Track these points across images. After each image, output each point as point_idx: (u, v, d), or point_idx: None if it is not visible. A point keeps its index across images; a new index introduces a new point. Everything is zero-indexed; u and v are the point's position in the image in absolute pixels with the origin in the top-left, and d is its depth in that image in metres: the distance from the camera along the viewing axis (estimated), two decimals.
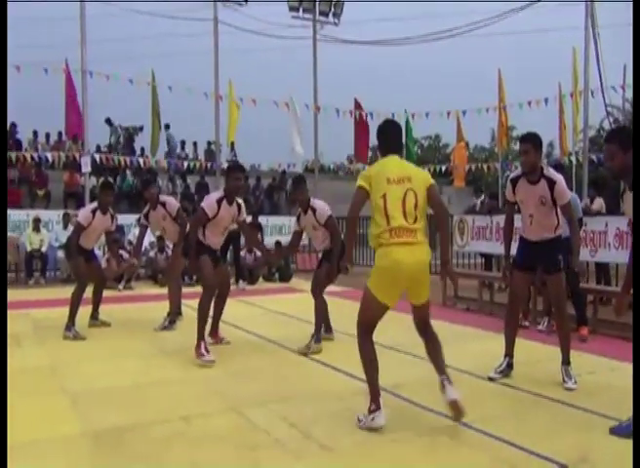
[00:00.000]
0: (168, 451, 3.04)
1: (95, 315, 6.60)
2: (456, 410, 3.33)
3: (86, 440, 3.21)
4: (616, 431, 3.23)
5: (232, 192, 5.25)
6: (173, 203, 6.59)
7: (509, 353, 4.58)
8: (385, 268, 3.34)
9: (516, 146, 28.72)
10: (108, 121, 17.90)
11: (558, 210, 4.30)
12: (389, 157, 3.54)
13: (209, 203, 5.16)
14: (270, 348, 5.58)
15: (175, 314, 6.58)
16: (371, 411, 3.35)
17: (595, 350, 5.35)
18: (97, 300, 6.60)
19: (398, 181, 3.37)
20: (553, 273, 4.37)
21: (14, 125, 16.25)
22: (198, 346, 4.92)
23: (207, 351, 4.90)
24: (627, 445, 3.11)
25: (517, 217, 4.65)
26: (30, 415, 3.59)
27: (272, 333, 6.09)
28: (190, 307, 7.52)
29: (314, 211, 5.55)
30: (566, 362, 4.33)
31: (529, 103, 13.65)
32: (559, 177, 4.26)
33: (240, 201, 5.47)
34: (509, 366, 4.54)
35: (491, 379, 4.46)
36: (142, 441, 3.19)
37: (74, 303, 6.11)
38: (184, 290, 7.60)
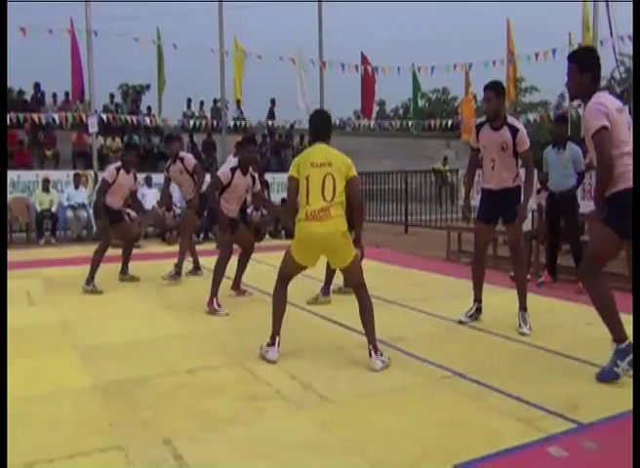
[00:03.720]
0: (174, 402, 3.19)
1: (124, 270, 6.97)
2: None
3: (96, 392, 3.36)
4: (600, 378, 3.36)
5: (246, 163, 5.53)
6: (190, 159, 6.95)
7: (478, 298, 4.92)
8: (301, 240, 3.84)
9: (524, 98, 28.27)
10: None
11: (519, 160, 4.54)
12: (317, 144, 3.96)
13: (223, 171, 5.49)
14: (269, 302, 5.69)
15: (180, 267, 6.85)
16: (268, 345, 3.92)
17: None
18: (125, 258, 6.98)
19: (320, 165, 3.80)
20: (511, 222, 4.62)
21: (21, 92, 16.35)
22: (211, 302, 5.24)
23: (219, 305, 5.24)
24: (615, 392, 3.23)
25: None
26: (42, 370, 3.75)
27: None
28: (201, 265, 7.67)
29: None
30: (523, 307, 4.59)
31: (536, 55, 13.31)
32: (521, 126, 4.53)
33: (255, 173, 5.72)
34: (478, 310, 4.90)
35: (460, 322, 4.81)
36: (149, 392, 3.33)
37: (95, 261, 6.36)
38: (198, 247, 7.77)
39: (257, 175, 5.77)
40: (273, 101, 17.71)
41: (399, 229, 12.58)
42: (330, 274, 5.80)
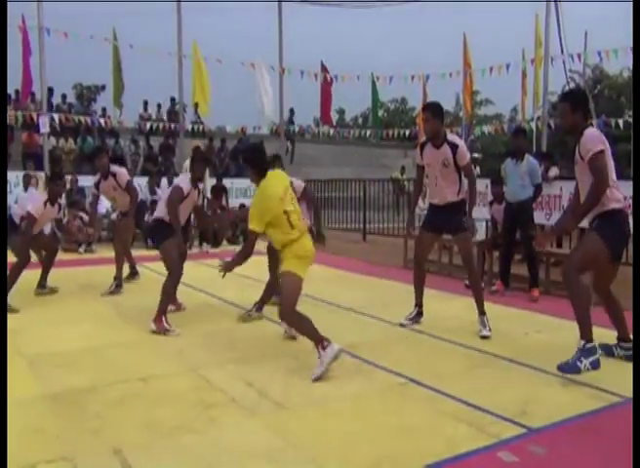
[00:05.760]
0: (126, 411, 3.11)
1: (42, 283, 6.37)
2: None
3: (44, 401, 3.26)
4: (562, 369, 3.53)
5: (196, 178, 5.35)
6: (123, 174, 6.49)
7: (419, 303, 5.14)
8: (303, 255, 3.95)
9: (480, 111, 28.99)
10: None
11: (462, 175, 4.77)
12: (268, 176, 3.98)
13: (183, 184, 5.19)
14: (230, 310, 5.65)
15: (120, 279, 6.54)
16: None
17: (546, 310, 5.59)
18: (46, 269, 6.42)
19: (284, 194, 3.92)
20: (459, 233, 4.86)
21: None
22: (159, 321, 4.78)
23: (168, 324, 4.81)
24: (562, 397, 3.32)
25: None
26: None
27: (233, 296, 6.16)
28: (149, 269, 7.52)
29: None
30: (481, 312, 4.78)
31: (490, 69, 13.67)
32: (461, 142, 4.81)
33: (201, 186, 5.62)
34: (419, 314, 5.12)
35: (402, 325, 5.01)
36: (100, 401, 3.24)
37: (12, 278, 5.69)
38: (146, 252, 7.59)
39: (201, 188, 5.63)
40: (292, 111, 18.79)
41: (357, 237, 12.65)
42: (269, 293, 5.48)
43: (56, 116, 14.14)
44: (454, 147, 4.69)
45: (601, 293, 4.03)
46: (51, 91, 15.62)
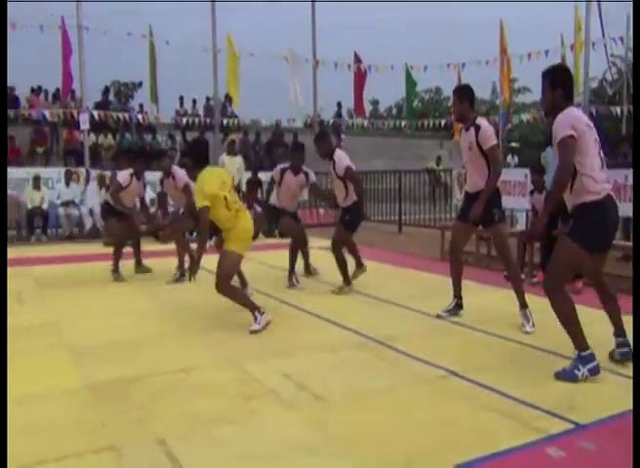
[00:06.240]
0: (168, 401, 3.15)
1: (138, 260, 7.33)
2: None
3: (88, 392, 3.32)
4: (559, 375, 3.41)
5: (296, 165, 6.27)
6: (181, 178, 6.70)
7: (457, 295, 5.02)
8: (246, 236, 4.76)
9: (517, 99, 28.33)
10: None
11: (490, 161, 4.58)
12: (208, 169, 4.67)
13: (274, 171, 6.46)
14: (268, 303, 5.67)
15: (182, 268, 6.86)
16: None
17: (589, 302, 5.42)
18: (137, 250, 7.34)
19: (223, 184, 4.59)
20: (491, 226, 4.69)
21: (10, 88, 16.22)
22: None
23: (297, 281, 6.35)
24: (613, 392, 3.22)
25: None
26: (32, 370, 3.70)
27: (271, 289, 6.18)
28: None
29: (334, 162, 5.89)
30: (522, 305, 4.62)
31: (528, 55, 13.33)
32: (484, 124, 4.61)
33: (307, 170, 6.39)
34: (457, 306, 5.01)
35: (439, 317, 4.94)
36: (143, 392, 3.29)
37: (115, 256, 6.82)
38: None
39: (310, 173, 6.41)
40: (339, 104, 19.49)
41: (393, 229, 12.56)
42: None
43: (95, 113, 14.43)
44: (477, 129, 4.55)
45: (592, 281, 3.78)
46: (107, 89, 16.15)
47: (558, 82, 3.50)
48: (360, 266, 6.36)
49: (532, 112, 21.02)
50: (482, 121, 4.66)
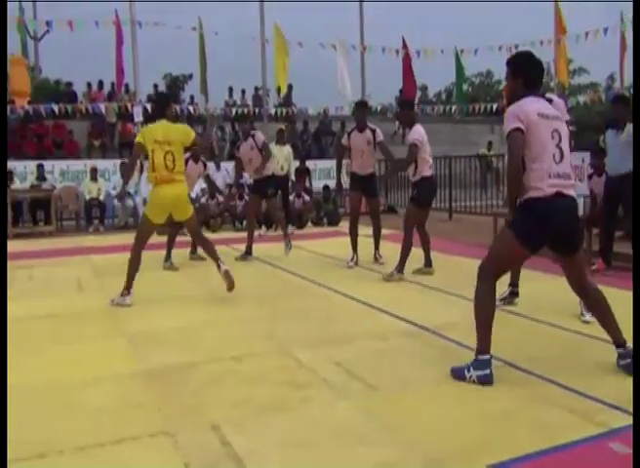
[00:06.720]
0: (222, 388, 3.20)
1: (193, 250, 7.53)
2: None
3: (144, 377, 3.41)
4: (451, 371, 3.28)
5: (360, 121, 6.75)
6: (260, 136, 7.47)
7: (513, 282, 4.91)
8: (156, 201, 5.06)
9: (573, 81, 27.26)
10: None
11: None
12: (159, 122, 5.14)
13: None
14: (317, 291, 5.69)
15: (250, 247, 7.47)
16: (122, 295, 5.06)
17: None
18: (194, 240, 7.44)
19: (162, 143, 4.97)
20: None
21: (68, 83, 16.85)
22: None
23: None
24: None
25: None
26: (91, 356, 3.82)
27: (320, 277, 6.19)
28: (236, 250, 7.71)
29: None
30: None
31: (585, 34, 12.76)
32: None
33: (374, 127, 6.80)
34: (513, 294, 4.91)
35: None
36: (197, 378, 3.35)
37: (169, 245, 7.07)
38: (234, 234, 7.81)
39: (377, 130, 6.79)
40: (402, 91, 18.49)
41: (443, 216, 12.36)
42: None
43: (148, 105, 14.74)
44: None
45: (577, 291, 3.47)
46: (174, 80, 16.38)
47: (519, 71, 3.31)
48: (427, 265, 6.26)
49: (589, 94, 20.22)
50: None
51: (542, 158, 3.15)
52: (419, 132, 5.94)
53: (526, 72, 3.31)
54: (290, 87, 16.85)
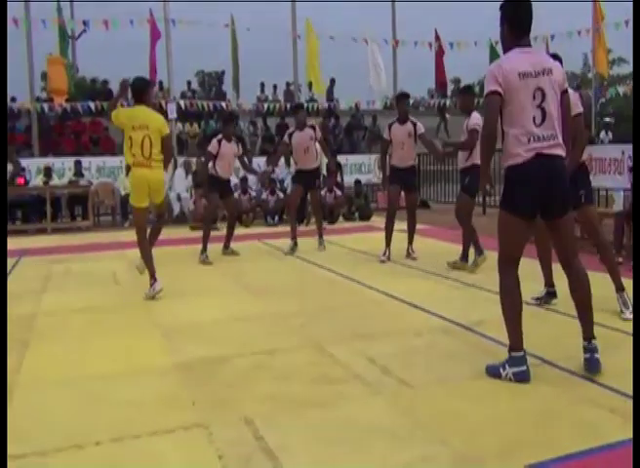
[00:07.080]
0: (255, 382, 3.21)
1: (226, 245, 7.51)
2: None
3: (178, 370, 3.44)
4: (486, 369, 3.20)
5: (402, 113, 6.72)
6: (319, 128, 7.64)
7: (548, 282, 4.70)
8: (136, 184, 5.20)
9: (612, 71, 26.53)
10: None
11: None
12: (137, 107, 5.19)
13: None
14: (350, 286, 5.66)
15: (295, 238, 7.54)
16: (151, 285, 5.17)
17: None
18: (230, 231, 7.54)
19: (139, 128, 5.04)
20: (578, 208, 4.10)
21: (105, 82, 17.19)
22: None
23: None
24: None
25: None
26: (126, 349, 3.88)
27: (352, 272, 6.16)
28: (270, 246, 7.73)
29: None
30: (619, 288, 4.28)
31: (626, 22, 12.29)
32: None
33: (415, 120, 6.76)
34: (550, 294, 4.69)
35: (526, 304, 4.58)
36: (231, 372, 3.38)
37: (204, 239, 7.06)
38: (266, 229, 7.80)
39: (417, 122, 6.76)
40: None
41: (477, 210, 12.15)
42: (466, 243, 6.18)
43: (182, 102, 14.91)
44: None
45: (562, 266, 3.37)
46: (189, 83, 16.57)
47: (503, 16, 3.08)
48: (479, 253, 6.15)
49: (628, 85, 19.63)
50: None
51: (521, 122, 2.99)
52: (478, 117, 5.88)
53: (510, 17, 3.07)
54: (332, 81, 16.90)
